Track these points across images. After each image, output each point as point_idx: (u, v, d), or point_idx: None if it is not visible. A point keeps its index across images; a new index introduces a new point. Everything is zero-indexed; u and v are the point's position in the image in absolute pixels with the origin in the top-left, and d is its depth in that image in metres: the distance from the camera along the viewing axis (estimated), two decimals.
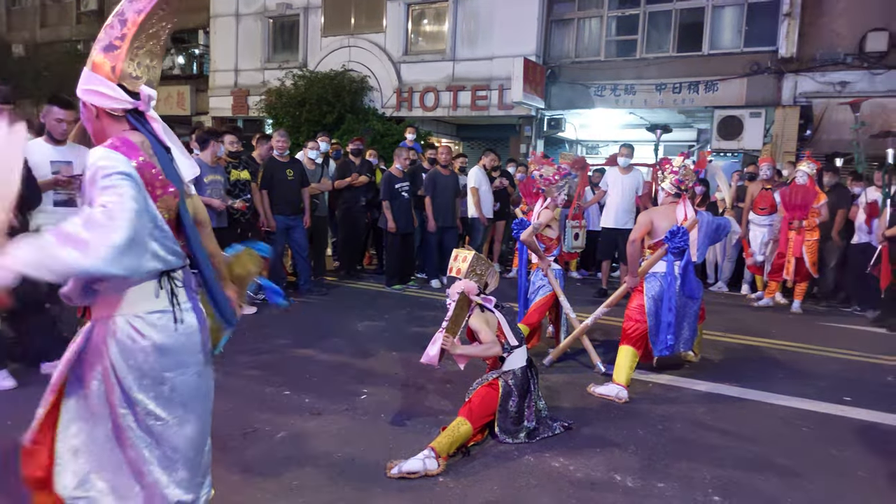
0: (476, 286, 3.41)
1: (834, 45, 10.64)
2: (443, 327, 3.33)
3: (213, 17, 16.80)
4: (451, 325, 3.33)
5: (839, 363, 5.16)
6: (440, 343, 3.30)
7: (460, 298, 3.36)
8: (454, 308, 3.35)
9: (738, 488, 2.96)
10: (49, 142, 4.35)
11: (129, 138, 1.86)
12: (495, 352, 3.36)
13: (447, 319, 3.35)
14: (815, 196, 6.91)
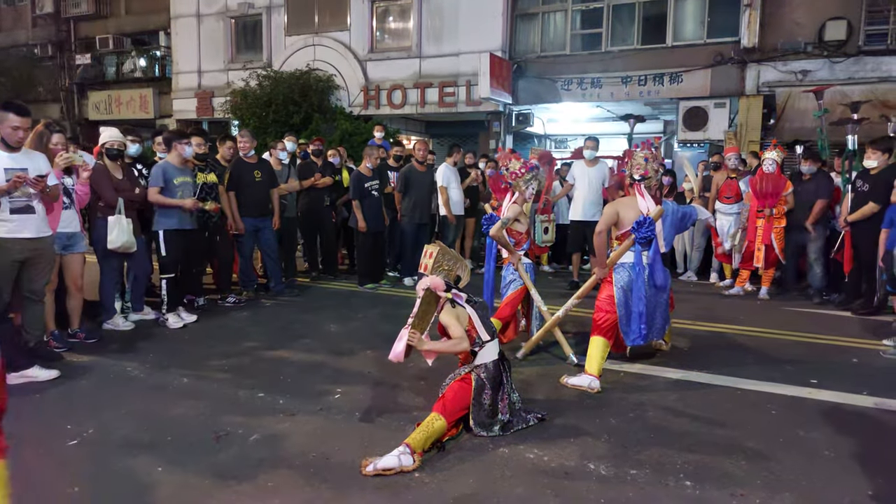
0: (443, 282, 3.39)
1: (794, 34, 10.90)
2: (408, 323, 3.31)
3: (174, 17, 16.47)
4: (418, 321, 3.32)
5: (805, 347, 5.28)
6: (406, 339, 3.29)
7: (426, 294, 3.34)
8: (419, 304, 3.34)
9: (709, 472, 3.01)
10: (3, 149, 4.21)
11: None
12: (463, 347, 3.35)
13: (413, 315, 3.33)
14: (784, 184, 7.06)
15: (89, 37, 18.75)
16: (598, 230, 4.42)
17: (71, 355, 4.73)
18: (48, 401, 3.86)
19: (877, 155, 6.13)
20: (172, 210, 5.62)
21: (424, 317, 3.37)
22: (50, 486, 2.79)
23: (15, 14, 20.39)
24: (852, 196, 6.43)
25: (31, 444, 3.20)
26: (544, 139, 16.18)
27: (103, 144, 5.52)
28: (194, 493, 2.75)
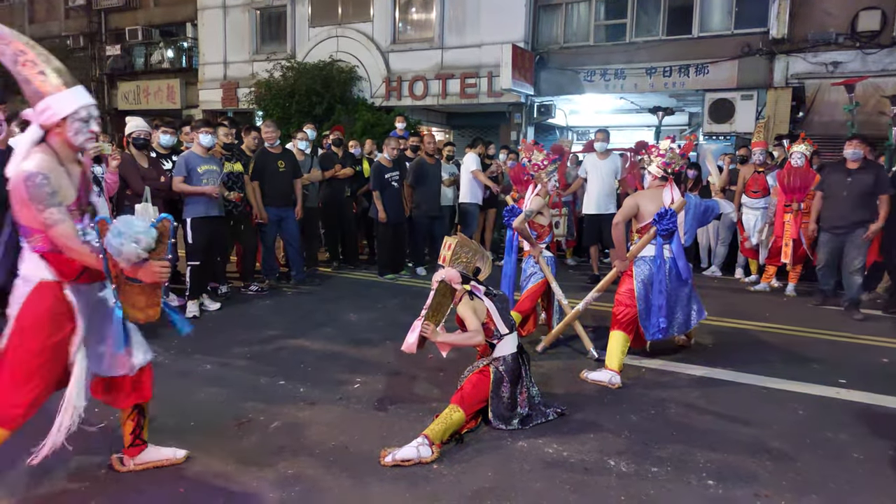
0: (458, 274, 3.37)
1: (826, 24, 10.60)
2: (422, 314, 3.30)
3: (201, 9, 16.62)
4: (432, 312, 3.31)
5: (834, 346, 5.16)
6: (419, 330, 3.28)
7: (440, 286, 3.34)
8: (433, 295, 3.33)
9: (732, 472, 2.96)
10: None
11: None
12: (478, 341, 3.33)
13: (426, 307, 3.32)
14: (813, 178, 6.88)
15: (119, 28, 19.04)
16: (615, 221, 4.37)
17: None
18: None
19: None
20: (199, 198, 5.68)
21: (439, 308, 3.36)
22: (77, 469, 2.84)
23: (49, 6, 20.79)
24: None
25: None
26: (566, 131, 16.02)
27: (129, 134, 5.60)
28: (217, 478, 2.79)
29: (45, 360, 2.35)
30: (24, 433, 3.04)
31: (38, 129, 2.31)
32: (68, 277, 2.37)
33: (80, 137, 2.35)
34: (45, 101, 2.27)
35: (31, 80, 2.27)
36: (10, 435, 2.42)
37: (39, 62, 2.28)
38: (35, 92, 2.27)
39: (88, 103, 2.38)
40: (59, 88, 2.28)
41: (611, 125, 12.30)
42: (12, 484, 2.73)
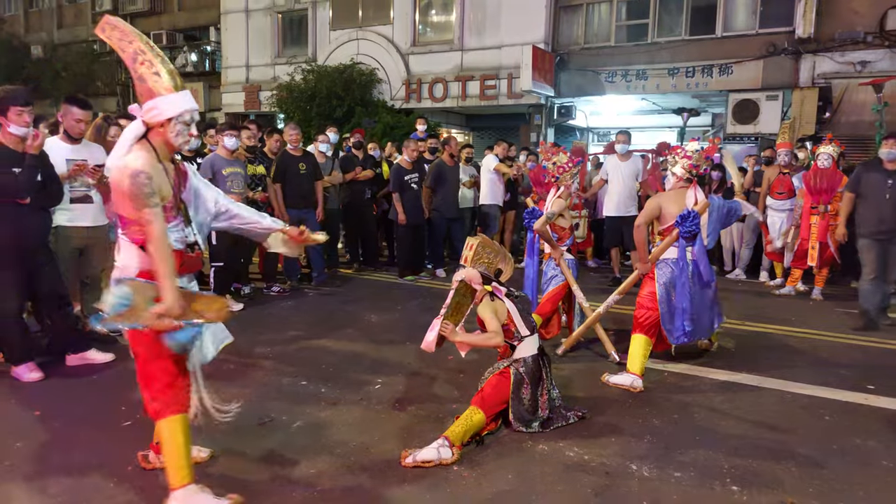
0: (479, 274, 3.37)
1: (853, 23, 10.39)
2: (441, 314, 3.31)
3: (224, 13, 16.87)
4: (451, 312, 3.32)
5: (862, 351, 5.06)
6: (437, 329, 3.29)
7: (459, 286, 3.35)
8: (452, 295, 3.34)
9: (757, 477, 2.92)
10: (65, 140, 4.41)
11: None
12: (497, 342, 3.33)
13: (445, 306, 3.33)
14: (840, 180, 6.76)
15: (144, 32, 19.20)
16: (637, 223, 4.33)
17: (124, 339, 4.90)
18: (104, 383, 4.03)
19: None
20: None
21: (459, 308, 3.37)
22: (107, 465, 2.90)
23: (76, 11, 21.29)
24: None
25: (88, 425, 3.35)
26: (587, 132, 15.93)
27: None
28: (241, 476, 2.83)
29: (163, 348, 2.40)
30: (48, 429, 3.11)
31: (141, 125, 2.39)
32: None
33: (180, 139, 2.44)
34: (154, 101, 2.36)
35: (145, 78, 2.36)
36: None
37: (156, 63, 2.38)
38: (147, 90, 2.37)
39: (193, 108, 2.46)
40: (169, 90, 2.37)
41: (632, 126, 12.19)
42: (41, 480, 2.80)
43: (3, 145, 3.83)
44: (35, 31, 21.87)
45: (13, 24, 22.29)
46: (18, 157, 3.82)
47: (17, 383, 3.94)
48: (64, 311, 4.29)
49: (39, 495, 2.66)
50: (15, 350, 4.04)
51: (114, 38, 2.40)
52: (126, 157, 2.33)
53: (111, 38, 2.40)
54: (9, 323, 4.00)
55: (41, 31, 21.68)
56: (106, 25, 2.41)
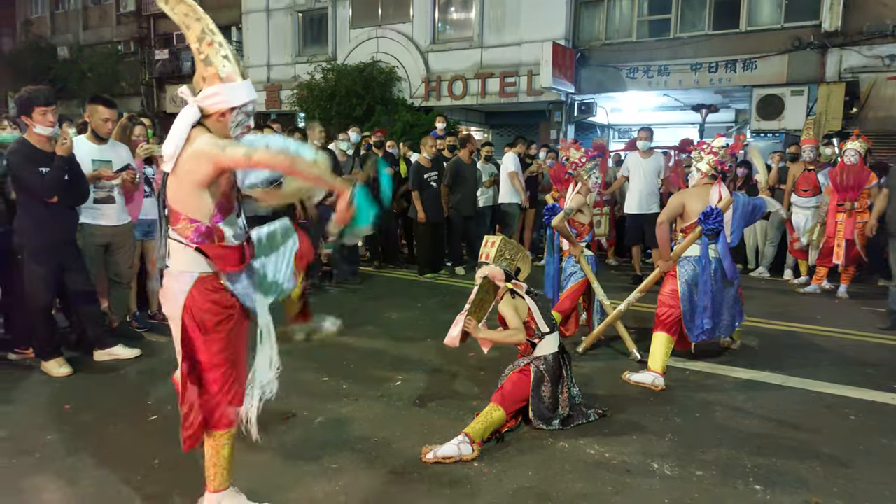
0: (502, 271, 3.38)
1: (882, 16, 10.17)
2: (465, 309, 3.32)
3: (245, 13, 17.05)
4: (474, 308, 3.33)
5: (888, 350, 4.96)
6: (461, 325, 3.30)
7: (483, 282, 3.35)
8: (476, 291, 3.35)
9: (780, 477, 2.89)
10: (93, 140, 4.50)
11: None
12: (519, 339, 3.34)
13: (469, 302, 3.34)
14: (868, 176, 6.63)
15: (167, 33, 19.72)
16: (660, 220, 4.30)
17: (151, 335, 5.02)
18: (130, 378, 4.13)
19: None
20: (245, 198, 5.84)
21: (482, 305, 3.38)
22: (134, 458, 2.98)
23: (101, 12, 21.69)
24: None
25: (116, 419, 3.43)
26: (607, 129, 15.80)
27: None
28: (265, 471, 2.88)
29: (231, 352, 2.32)
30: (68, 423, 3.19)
31: (196, 111, 2.20)
32: (227, 267, 2.28)
33: (238, 130, 2.27)
34: (218, 87, 2.16)
35: (212, 60, 2.16)
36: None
37: (226, 46, 2.19)
38: (212, 74, 2.17)
39: (255, 98, 2.31)
40: (234, 78, 2.19)
41: (654, 123, 12.08)
42: (70, 472, 2.88)
43: (30, 145, 3.93)
44: (61, 33, 22.33)
45: (40, 26, 22.81)
46: (46, 156, 3.91)
47: (46, 378, 4.05)
48: (91, 308, 4.39)
49: (70, 487, 2.74)
50: (45, 345, 4.15)
51: (179, 11, 2.17)
52: (196, 143, 2.15)
53: (175, 11, 2.18)
54: (38, 318, 4.11)
55: (67, 33, 22.14)
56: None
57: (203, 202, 2.20)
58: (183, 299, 2.24)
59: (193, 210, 2.20)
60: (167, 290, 2.29)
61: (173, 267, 2.27)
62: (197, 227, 2.20)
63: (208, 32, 2.17)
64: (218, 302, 2.28)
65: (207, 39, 2.17)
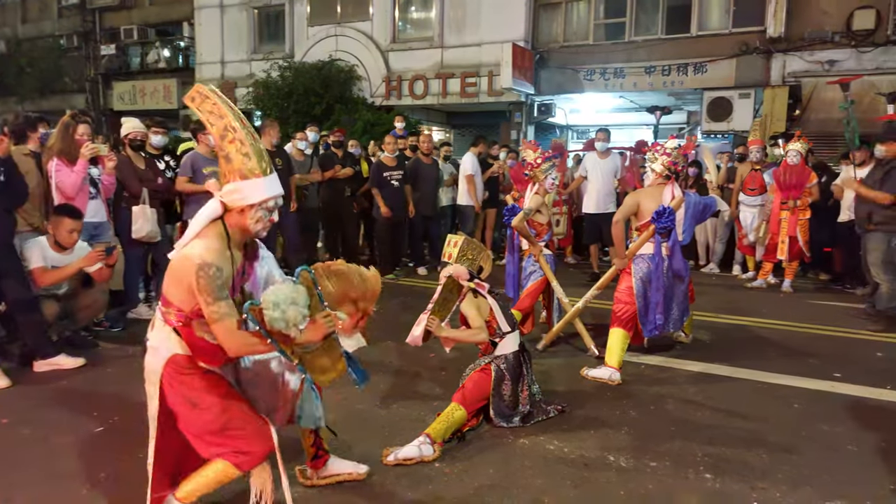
0: (466, 271, 3.41)
1: (822, 23, 10.65)
2: (428, 308, 3.33)
3: (198, 8, 16.62)
4: (437, 307, 3.33)
5: (829, 340, 5.22)
6: (424, 324, 3.30)
7: (447, 282, 3.37)
8: (440, 291, 3.36)
9: (729, 465, 3.01)
10: (55, 249, 4.39)
11: None
12: (482, 338, 3.38)
13: (433, 301, 3.35)
14: (808, 176, 6.96)
15: (114, 27, 19.02)
16: (615, 219, 4.42)
17: (104, 343, 4.85)
18: (75, 388, 3.96)
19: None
20: (201, 197, 5.70)
21: (445, 304, 3.40)
22: (78, 472, 2.87)
23: (41, 5, 20.75)
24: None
25: (60, 431, 3.30)
26: (566, 130, 16.06)
27: (126, 135, 5.59)
28: None
29: (229, 412, 2.26)
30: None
31: (219, 206, 2.25)
32: (203, 359, 2.29)
33: (259, 226, 2.28)
34: (239, 184, 2.21)
35: (232, 158, 2.21)
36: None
37: (247, 143, 2.21)
38: (232, 171, 2.22)
39: (279, 194, 2.32)
40: (256, 174, 2.22)
41: (611, 124, 12.35)
42: (7, 490, 2.76)
43: None
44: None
45: None
46: None
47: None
48: (30, 316, 4.16)
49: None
50: None
51: (204, 109, 2.23)
52: (195, 243, 2.18)
53: (201, 109, 2.23)
54: None
55: (4, 26, 21.09)
56: (197, 95, 2.24)
57: (186, 299, 2.21)
58: (158, 383, 2.26)
59: (179, 301, 2.23)
60: (146, 361, 2.31)
61: (152, 340, 2.31)
62: (180, 314, 2.24)
63: (230, 130, 2.21)
64: (197, 372, 2.27)
65: (229, 137, 2.21)
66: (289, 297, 2.14)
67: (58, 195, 4.68)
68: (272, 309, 2.12)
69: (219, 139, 2.23)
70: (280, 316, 2.11)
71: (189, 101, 2.26)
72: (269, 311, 2.12)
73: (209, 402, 2.25)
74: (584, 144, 8.36)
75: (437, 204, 8.27)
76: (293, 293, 2.16)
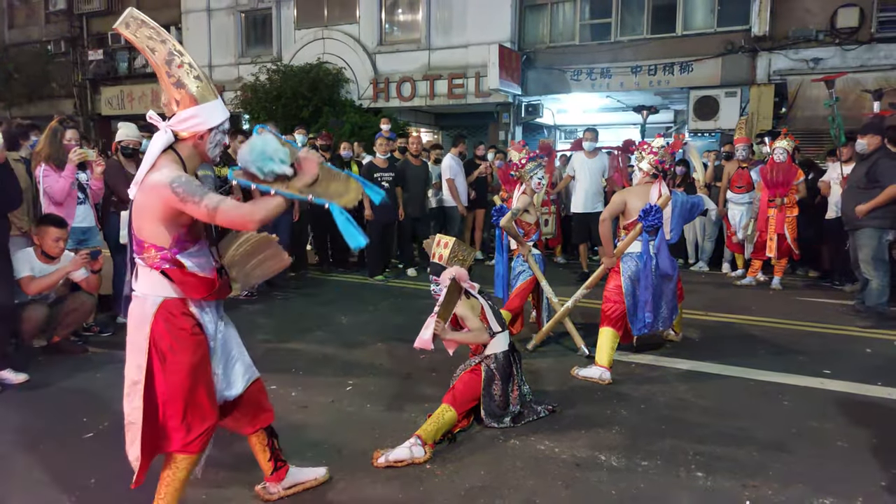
0: (466, 272, 3.41)
1: (806, 21, 10.74)
2: (435, 311, 3.30)
3: (185, 12, 16.52)
4: (443, 310, 3.31)
5: (819, 337, 5.25)
6: (433, 327, 3.27)
7: (451, 284, 3.36)
8: (445, 294, 3.33)
9: (720, 463, 3.01)
10: (42, 259, 4.37)
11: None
12: (485, 339, 3.38)
13: (439, 304, 3.32)
14: (795, 173, 7.00)
15: (101, 32, 18.85)
16: (602, 217, 4.42)
17: (95, 348, 4.80)
18: (64, 394, 3.92)
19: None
20: None
21: (448, 306, 3.40)
22: (68, 479, 2.83)
23: (28, 10, 20.53)
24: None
25: (49, 438, 3.26)
26: (554, 130, 16.09)
27: (119, 142, 5.55)
28: (205, 484, 2.79)
29: (196, 381, 2.21)
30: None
31: (170, 136, 2.14)
32: (193, 293, 2.21)
33: (218, 150, 2.24)
34: (195, 109, 2.12)
35: (185, 82, 2.11)
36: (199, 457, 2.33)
37: (195, 66, 2.13)
38: (185, 97, 2.11)
39: (229, 115, 2.28)
40: (212, 97, 2.15)
41: (598, 124, 12.38)
42: None
43: None
44: None
45: None
46: None
47: None
48: (3, 325, 4.06)
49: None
50: None
51: (142, 35, 2.08)
52: (152, 175, 2.09)
53: (138, 35, 2.08)
54: None
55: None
56: (131, 20, 2.07)
57: (161, 232, 2.14)
58: (149, 324, 2.17)
59: (154, 238, 2.14)
60: (133, 314, 2.21)
61: (139, 290, 2.21)
62: (163, 254, 2.15)
63: (176, 54, 2.11)
64: (184, 328, 2.19)
65: (177, 61, 2.10)
66: (261, 140, 2.11)
67: (46, 200, 4.68)
68: (254, 155, 2.09)
69: (164, 64, 2.09)
70: (266, 156, 2.08)
71: (123, 27, 2.08)
72: (253, 159, 2.09)
73: (176, 369, 2.17)
74: (572, 144, 8.36)
75: (425, 205, 8.26)
76: (262, 138, 2.13)
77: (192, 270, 2.19)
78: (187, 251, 2.19)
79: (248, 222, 2.07)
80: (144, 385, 2.17)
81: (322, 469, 2.83)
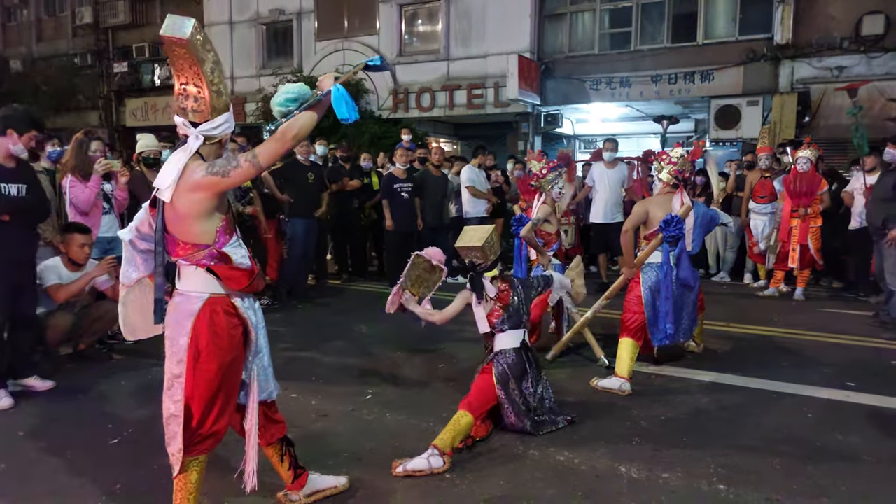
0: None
1: (830, 29, 10.63)
2: (399, 282, 3.63)
3: (207, 25, 16.82)
4: (410, 283, 3.61)
5: (843, 349, 5.16)
6: (396, 294, 3.62)
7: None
8: (408, 267, 3.61)
9: (743, 476, 2.97)
10: (69, 266, 4.48)
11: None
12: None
13: (404, 275, 3.62)
14: (819, 183, 6.91)
15: (126, 45, 19.31)
16: (625, 228, 4.41)
17: (118, 355, 4.90)
18: (90, 401, 4.00)
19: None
20: None
21: (418, 281, 3.60)
22: (94, 484, 2.89)
23: (56, 24, 21.11)
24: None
25: (76, 444, 3.33)
26: (573, 140, 16.07)
27: (140, 153, 5.68)
28: (231, 491, 2.82)
29: (218, 389, 2.27)
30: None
31: (200, 140, 2.23)
32: (237, 286, 2.29)
33: (226, 153, 2.35)
34: (226, 115, 2.26)
35: (223, 91, 2.24)
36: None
37: (224, 75, 2.28)
38: (224, 104, 2.25)
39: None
40: (229, 106, 2.30)
41: (618, 133, 12.37)
42: (24, 502, 2.78)
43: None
44: (14, 46, 21.59)
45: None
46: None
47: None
48: (28, 334, 4.14)
49: None
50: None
51: (198, 43, 2.13)
52: (188, 177, 2.17)
53: (194, 43, 2.11)
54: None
55: (20, 46, 21.44)
56: (196, 28, 2.13)
57: (206, 230, 2.24)
58: (193, 320, 2.24)
59: (199, 237, 2.24)
60: (176, 309, 2.27)
61: (183, 288, 2.28)
62: (210, 250, 2.25)
63: (219, 63, 2.23)
64: (224, 327, 2.26)
65: (219, 70, 2.22)
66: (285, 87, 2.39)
67: (72, 211, 4.78)
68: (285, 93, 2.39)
69: (210, 73, 2.18)
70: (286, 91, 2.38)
71: (194, 31, 2.10)
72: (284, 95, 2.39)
73: (208, 370, 2.23)
74: (592, 154, 8.34)
75: (445, 216, 8.28)
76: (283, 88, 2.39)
77: (238, 262, 2.29)
78: (230, 243, 2.30)
79: (285, 142, 2.27)
80: (185, 379, 2.24)
81: (343, 478, 2.85)
